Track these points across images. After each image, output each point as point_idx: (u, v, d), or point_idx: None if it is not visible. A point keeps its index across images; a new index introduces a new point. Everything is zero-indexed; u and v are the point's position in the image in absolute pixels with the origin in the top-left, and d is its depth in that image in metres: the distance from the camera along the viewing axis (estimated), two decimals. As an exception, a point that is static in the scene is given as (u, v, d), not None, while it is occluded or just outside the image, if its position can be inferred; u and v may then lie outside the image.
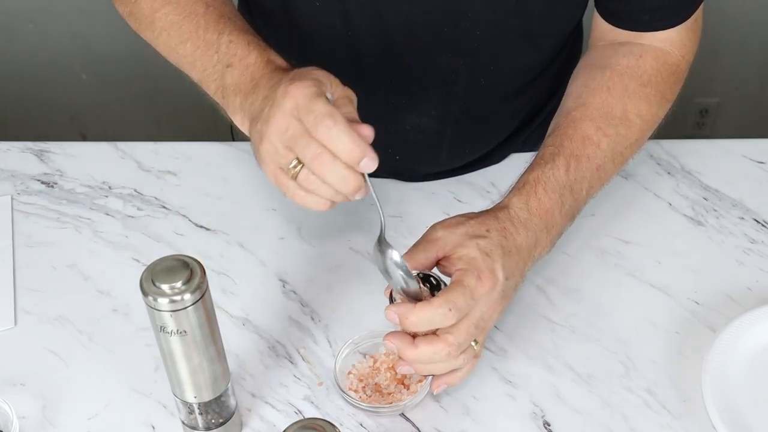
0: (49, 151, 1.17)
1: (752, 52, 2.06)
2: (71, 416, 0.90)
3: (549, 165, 0.91)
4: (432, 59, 0.98)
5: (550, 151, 0.92)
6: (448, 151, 1.07)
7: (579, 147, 0.93)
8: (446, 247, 0.84)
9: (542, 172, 0.90)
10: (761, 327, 0.92)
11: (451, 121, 1.04)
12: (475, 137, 1.08)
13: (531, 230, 0.87)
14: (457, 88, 1.00)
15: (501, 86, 1.03)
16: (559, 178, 0.90)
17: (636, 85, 0.96)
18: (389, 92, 1.01)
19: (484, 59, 0.98)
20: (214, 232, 1.07)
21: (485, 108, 1.04)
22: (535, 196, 0.89)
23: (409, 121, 1.03)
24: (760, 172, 1.12)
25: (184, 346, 0.77)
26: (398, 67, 0.99)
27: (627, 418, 0.88)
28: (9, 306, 0.99)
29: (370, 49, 0.97)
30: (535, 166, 0.92)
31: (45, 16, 1.98)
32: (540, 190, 0.89)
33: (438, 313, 0.79)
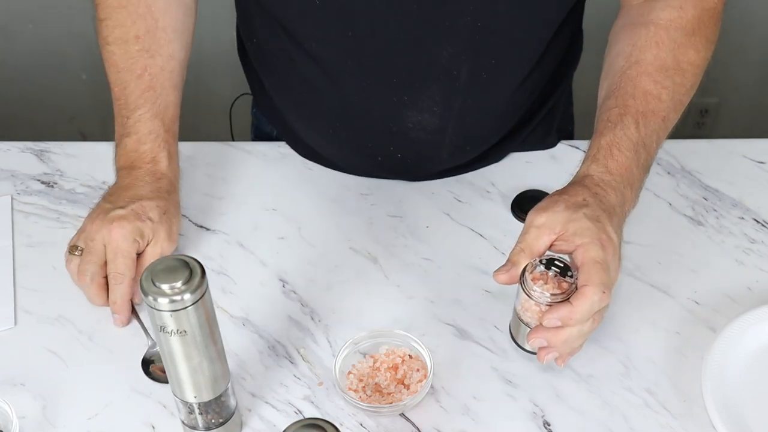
0: (49, 151, 1.17)
1: (752, 52, 2.06)
2: (71, 416, 0.90)
3: (619, 126, 0.92)
4: (433, 55, 0.97)
5: (616, 113, 0.93)
6: (449, 148, 1.07)
7: (642, 103, 0.94)
8: (556, 227, 0.85)
9: (614, 135, 0.92)
10: (761, 327, 0.92)
11: (452, 117, 1.04)
12: (476, 134, 1.08)
13: (617, 189, 0.89)
14: (458, 83, 1.00)
15: (502, 80, 1.02)
16: (631, 136, 0.92)
17: (683, 36, 0.98)
18: (391, 90, 1.01)
19: (485, 53, 0.98)
20: (214, 232, 1.07)
21: (486, 103, 1.04)
22: (612, 159, 0.91)
23: (412, 118, 1.03)
24: (760, 172, 1.12)
25: (184, 346, 0.76)
26: (399, 65, 0.98)
27: (627, 418, 0.88)
28: (9, 306, 0.99)
29: (371, 47, 0.97)
30: (604, 130, 0.93)
31: (45, 16, 1.98)
32: (615, 152, 0.91)
33: (596, 300, 0.81)
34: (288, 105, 1.11)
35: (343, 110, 1.05)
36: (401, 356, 0.91)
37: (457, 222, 1.07)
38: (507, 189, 1.10)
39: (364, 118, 1.05)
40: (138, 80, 1.01)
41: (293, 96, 1.09)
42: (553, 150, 1.15)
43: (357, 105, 1.03)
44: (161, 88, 1.02)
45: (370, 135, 1.06)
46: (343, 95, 1.03)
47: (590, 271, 0.82)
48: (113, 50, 1.03)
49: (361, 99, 1.03)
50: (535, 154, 1.15)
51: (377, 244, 1.05)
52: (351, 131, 1.07)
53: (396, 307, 0.98)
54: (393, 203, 1.09)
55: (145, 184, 1.00)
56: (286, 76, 1.06)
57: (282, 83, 1.09)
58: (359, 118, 1.05)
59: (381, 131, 1.06)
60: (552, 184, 1.02)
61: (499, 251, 1.02)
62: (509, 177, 1.12)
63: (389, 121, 1.04)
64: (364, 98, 1.03)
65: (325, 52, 1.00)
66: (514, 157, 1.14)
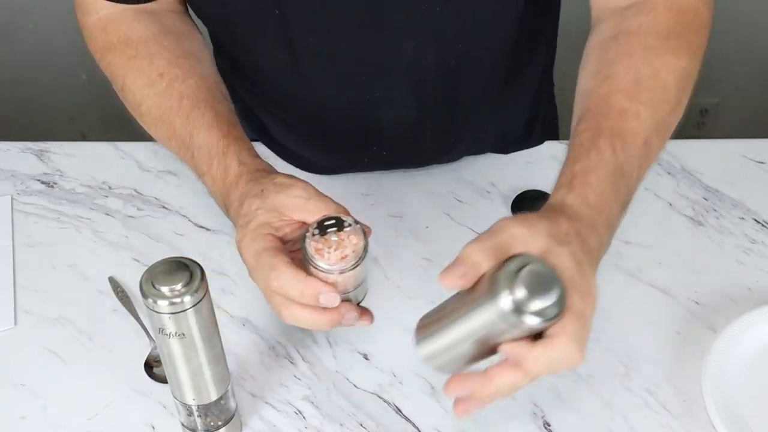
0: (49, 151, 1.17)
1: (752, 52, 2.06)
2: (71, 416, 0.90)
3: (593, 150, 0.78)
4: (398, 47, 0.97)
5: (589, 135, 0.80)
6: (433, 141, 1.07)
7: (618, 123, 0.80)
8: (533, 251, 0.67)
9: (588, 161, 0.77)
10: (761, 327, 0.92)
11: (428, 109, 1.03)
12: (455, 123, 1.08)
13: (596, 230, 0.74)
14: (427, 73, 0.99)
15: (472, 64, 1.01)
16: (607, 162, 0.77)
17: (655, 39, 0.86)
18: (362, 89, 1.00)
19: (449, 39, 0.97)
20: (214, 232, 1.07)
21: (460, 90, 1.03)
22: (589, 188, 0.76)
23: (388, 116, 1.03)
24: (760, 172, 1.12)
25: (184, 348, 0.76)
26: (366, 62, 0.98)
27: (627, 418, 0.88)
28: (9, 306, 0.99)
29: (336, 48, 0.97)
30: (576, 156, 0.79)
31: (45, 16, 1.98)
32: (593, 180, 0.76)
33: (564, 356, 0.65)
34: (263, 112, 1.11)
35: (320, 116, 1.05)
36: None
37: (457, 222, 1.07)
38: (507, 189, 1.10)
39: (343, 122, 1.05)
40: (179, 110, 0.91)
41: (267, 105, 1.08)
42: (553, 150, 1.15)
43: (332, 108, 1.03)
44: (204, 102, 0.91)
45: (350, 137, 1.06)
46: (316, 100, 1.03)
47: (566, 322, 0.65)
48: (146, 105, 0.94)
49: (335, 103, 1.03)
50: (536, 154, 1.15)
51: (377, 244, 1.04)
52: (331, 136, 1.07)
53: (396, 308, 0.98)
54: (393, 203, 1.09)
55: (237, 209, 0.83)
56: (258, 85, 1.06)
57: (255, 93, 1.09)
58: (337, 122, 1.05)
59: (360, 132, 1.06)
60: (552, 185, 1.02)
61: (499, 251, 1.02)
62: (509, 177, 1.12)
63: (366, 122, 1.04)
64: (339, 102, 1.03)
65: (291, 60, 0.99)
66: (514, 157, 1.14)
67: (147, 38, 0.95)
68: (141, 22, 0.96)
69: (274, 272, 0.75)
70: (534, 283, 0.63)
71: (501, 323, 0.63)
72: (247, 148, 0.87)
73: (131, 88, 0.95)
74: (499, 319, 0.63)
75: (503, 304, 0.62)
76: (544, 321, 0.63)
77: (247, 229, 0.79)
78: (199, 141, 0.89)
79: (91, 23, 0.98)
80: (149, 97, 0.93)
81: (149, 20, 0.96)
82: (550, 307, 0.63)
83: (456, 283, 0.67)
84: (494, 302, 0.63)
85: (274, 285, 0.75)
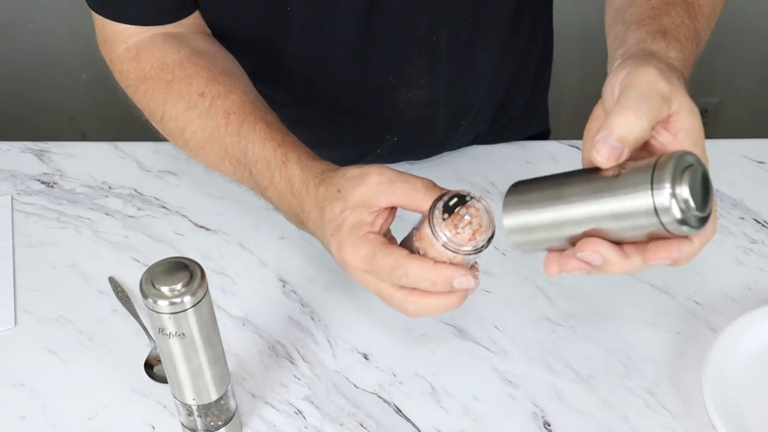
0: (49, 151, 1.17)
1: (752, 52, 2.06)
2: (71, 416, 0.90)
3: (673, 11, 0.76)
4: (411, 29, 0.97)
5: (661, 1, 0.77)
6: (444, 122, 1.07)
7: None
8: (672, 105, 0.63)
9: (671, 19, 0.75)
10: (761, 327, 0.92)
11: (441, 87, 1.03)
12: (468, 102, 1.08)
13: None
14: (440, 49, 0.99)
15: (483, 39, 1.01)
16: (688, 25, 0.76)
17: None
18: (376, 73, 1.00)
19: (461, 14, 0.97)
20: (214, 232, 1.07)
21: (472, 66, 1.03)
22: (682, 46, 0.73)
23: (402, 97, 1.03)
24: (760, 172, 1.12)
25: (184, 348, 0.76)
26: (380, 45, 0.98)
27: (627, 418, 0.88)
28: (9, 306, 0.99)
29: (351, 33, 0.97)
30: (657, 13, 0.76)
31: (45, 16, 1.98)
32: (682, 37, 0.74)
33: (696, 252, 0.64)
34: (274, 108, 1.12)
35: (334, 108, 1.05)
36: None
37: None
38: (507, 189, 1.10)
39: (355, 110, 1.05)
40: (227, 128, 0.87)
41: (279, 106, 1.08)
42: (553, 150, 1.15)
43: (346, 97, 1.03)
44: (252, 115, 0.87)
45: (364, 126, 1.06)
46: (331, 91, 1.03)
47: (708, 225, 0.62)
48: (191, 129, 0.90)
49: (349, 92, 1.03)
50: (535, 154, 1.15)
51: (377, 244, 1.05)
52: (345, 129, 1.07)
53: (396, 307, 0.98)
54: (393, 203, 1.09)
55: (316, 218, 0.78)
56: (272, 85, 1.06)
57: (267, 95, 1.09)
58: (350, 110, 1.05)
59: (374, 118, 1.05)
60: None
61: (500, 251, 1.02)
62: (509, 177, 1.11)
63: (381, 106, 1.04)
64: (351, 90, 1.02)
65: (306, 52, 0.99)
66: (514, 157, 1.14)
67: (181, 60, 0.92)
68: (172, 45, 0.93)
69: (399, 270, 0.70)
70: (698, 189, 0.59)
71: (643, 219, 0.59)
72: (306, 152, 0.82)
73: (172, 114, 0.91)
74: (646, 215, 0.58)
75: (663, 203, 0.58)
76: (694, 230, 0.59)
77: (341, 235, 0.73)
78: (255, 155, 0.84)
79: (121, 55, 0.95)
80: (193, 121, 0.89)
81: (179, 43, 0.94)
82: (705, 218, 0.59)
83: (605, 164, 0.62)
84: (649, 198, 0.58)
85: (402, 282, 0.71)
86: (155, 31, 0.94)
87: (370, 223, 0.73)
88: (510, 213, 0.67)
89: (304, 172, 0.80)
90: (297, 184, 0.80)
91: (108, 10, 0.94)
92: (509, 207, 0.67)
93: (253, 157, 0.84)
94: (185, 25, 0.96)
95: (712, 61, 2.00)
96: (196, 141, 0.89)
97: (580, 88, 1.25)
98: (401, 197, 0.72)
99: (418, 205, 0.72)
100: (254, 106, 0.88)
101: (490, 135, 1.17)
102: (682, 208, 0.57)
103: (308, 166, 0.80)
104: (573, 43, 1.09)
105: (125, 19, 0.94)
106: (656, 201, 0.57)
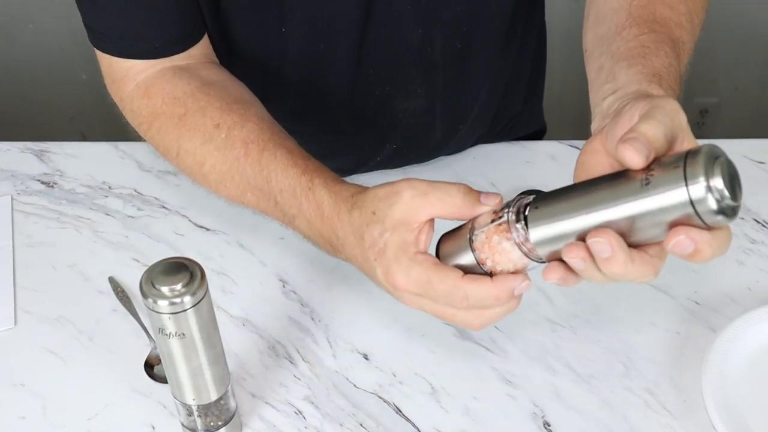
0: (49, 151, 1.17)
1: (752, 52, 2.06)
2: (71, 416, 0.90)
3: (661, 53, 0.76)
4: (406, 41, 0.97)
5: (651, 39, 0.77)
6: (442, 128, 1.08)
7: (671, 31, 0.79)
8: (676, 124, 0.64)
9: (661, 61, 0.76)
10: (761, 327, 0.92)
11: (438, 94, 1.04)
12: (465, 107, 1.08)
13: None
14: (435, 59, 0.99)
15: (476, 45, 1.01)
16: (676, 68, 0.76)
17: None
18: (373, 85, 1.01)
19: (454, 23, 0.97)
20: (214, 232, 1.07)
21: (467, 72, 1.04)
22: (673, 91, 0.74)
23: (399, 106, 1.03)
24: (760, 172, 1.12)
25: (184, 348, 0.76)
26: (376, 58, 0.98)
27: (627, 418, 0.88)
28: (9, 306, 0.99)
29: (346, 49, 0.97)
30: (647, 53, 0.76)
31: (45, 16, 1.98)
32: (673, 82, 0.75)
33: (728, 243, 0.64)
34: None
35: (334, 121, 1.05)
36: None
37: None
38: (507, 189, 1.10)
39: (353, 121, 1.05)
40: (247, 158, 0.84)
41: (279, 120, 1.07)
42: (553, 150, 1.15)
43: (343, 109, 1.03)
44: (271, 142, 0.85)
45: (362, 135, 1.07)
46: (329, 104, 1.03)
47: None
48: (210, 162, 0.87)
49: (345, 104, 1.03)
50: (535, 154, 1.15)
51: (377, 244, 1.05)
52: (344, 141, 1.08)
53: (396, 308, 0.98)
54: (393, 203, 1.09)
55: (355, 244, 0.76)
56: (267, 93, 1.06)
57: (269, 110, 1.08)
58: (348, 122, 1.05)
59: (373, 128, 1.06)
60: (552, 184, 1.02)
61: (499, 251, 1.02)
62: (509, 177, 1.12)
63: (379, 116, 1.04)
64: (349, 102, 1.03)
65: (302, 69, 0.99)
66: (514, 157, 1.14)
67: (192, 91, 0.89)
68: (182, 77, 0.91)
69: (458, 293, 0.69)
70: (728, 179, 0.59)
71: (676, 213, 0.60)
72: (332, 176, 0.80)
73: (188, 149, 0.88)
74: (681, 208, 0.60)
75: (699, 194, 0.59)
76: (728, 220, 0.60)
77: (386, 259, 0.71)
78: (280, 184, 0.82)
79: (130, 92, 0.93)
80: (210, 154, 0.87)
81: (189, 75, 0.91)
82: (737, 207, 0.60)
83: (636, 161, 0.61)
84: (683, 192, 0.59)
85: (463, 306, 0.69)
86: (163, 65, 0.92)
87: (414, 242, 0.71)
88: (537, 225, 0.66)
89: (333, 197, 0.77)
90: (327, 210, 0.78)
91: (114, 47, 0.92)
92: (535, 220, 0.66)
93: (277, 185, 0.82)
94: (193, 56, 0.94)
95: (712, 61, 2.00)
96: (216, 175, 0.87)
97: (579, 88, 1.25)
98: (438, 207, 0.70)
99: (458, 213, 0.71)
100: (272, 133, 0.86)
101: (490, 137, 1.17)
102: (717, 198, 0.58)
103: (336, 190, 0.78)
104: (572, 42, 1.09)
105: (132, 55, 0.91)
106: (691, 193, 0.59)
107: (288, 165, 0.82)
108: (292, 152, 0.83)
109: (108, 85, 0.95)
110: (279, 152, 0.83)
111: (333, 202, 0.77)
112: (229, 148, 0.85)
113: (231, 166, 0.85)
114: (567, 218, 0.65)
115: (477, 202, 0.70)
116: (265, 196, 0.84)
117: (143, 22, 0.90)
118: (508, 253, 0.68)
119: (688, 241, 0.61)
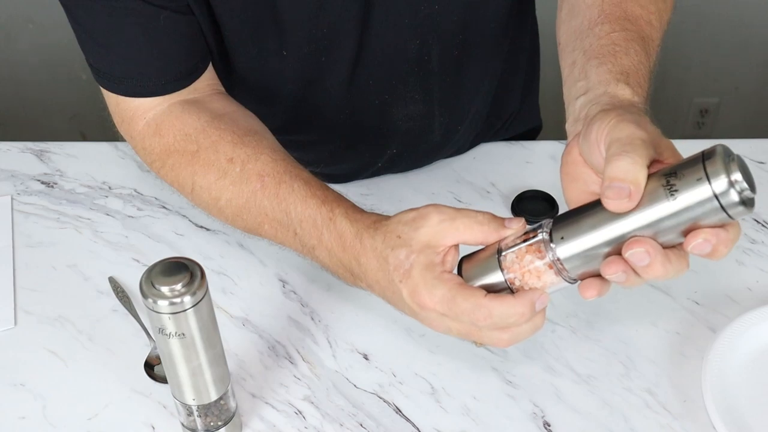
0: (49, 151, 1.17)
1: (752, 52, 2.06)
2: (71, 416, 0.90)
3: (631, 51, 0.79)
4: (403, 52, 0.97)
5: (622, 37, 0.79)
6: (440, 130, 1.08)
7: (640, 28, 0.81)
8: (658, 148, 0.67)
9: (631, 60, 0.78)
10: (761, 327, 0.92)
11: (435, 99, 1.04)
12: (463, 110, 1.08)
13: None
14: (432, 66, 1.00)
15: (473, 51, 1.02)
16: (646, 65, 0.79)
17: None
18: (371, 94, 1.01)
19: (450, 33, 0.98)
20: (214, 232, 1.07)
21: (464, 76, 1.04)
22: (642, 90, 0.76)
23: (398, 113, 1.04)
24: (760, 172, 1.12)
25: (183, 348, 0.76)
26: (374, 69, 0.98)
27: (627, 418, 0.88)
28: (9, 306, 0.99)
29: (345, 62, 0.97)
30: (617, 52, 0.78)
31: (45, 16, 1.98)
32: (642, 80, 0.77)
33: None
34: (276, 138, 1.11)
35: (331, 129, 1.05)
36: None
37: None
38: (507, 189, 1.10)
39: (353, 130, 1.05)
40: (263, 191, 0.85)
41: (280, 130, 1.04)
42: (553, 150, 1.15)
43: (343, 119, 1.04)
44: (287, 174, 0.85)
45: (363, 143, 1.07)
46: (328, 114, 1.03)
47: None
48: (225, 197, 0.87)
49: (345, 113, 1.03)
50: (535, 154, 1.15)
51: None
52: (343, 146, 1.08)
53: (396, 307, 0.98)
54: (393, 203, 1.09)
55: (377, 262, 0.76)
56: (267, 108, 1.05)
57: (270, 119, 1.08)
58: (348, 131, 1.05)
59: (372, 135, 1.06)
60: (552, 184, 1.02)
61: (499, 251, 1.03)
62: (509, 177, 1.12)
63: (378, 123, 1.04)
64: (348, 112, 1.03)
65: (302, 85, 0.99)
66: (513, 157, 1.14)
67: (203, 127, 0.89)
68: (191, 113, 0.90)
69: (481, 311, 0.70)
70: (745, 173, 0.64)
71: (700, 210, 0.64)
72: (351, 205, 0.81)
73: (203, 185, 0.88)
74: (707, 204, 0.63)
75: (722, 189, 0.63)
76: (748, 210, 0.64)
77: (412, 279, 0.72)
78: (299, 215, 0.82)
79: (141, 130, 0.92)
80: (226, 189, 0.87)
81: (198, 109, 0.91)
82: (754, 199, 0.64)
83: (627, 207, 0.65)
84: (707, 188, 0.63)
85: (487, 324, 0.70)
86: (172, 101, 0.91)
87: (440, 263, 0.72)
88: (564, 244, 0.69)
89: (354, 225, 0.78)
90: (349, 238, 0.78)
91: (121, 87, 0.91)
92: (562, 240, 0.69)
93: (296, 217, 0.83)
94: (199, 88, 0.93)
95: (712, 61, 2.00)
96: (232, 209, 0.87)
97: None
98: (465, 233, 0.72)
99: (483, 238, 0.72)
100: (286, 164, 0.86)
101: (489, 135, 1.17)
102: (738, 191, 0.63)
103: (357, 219, 0.79)
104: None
105: (140, 93, 0.91)
106: (715, 189, 0.63)
107: (306, 196, 0.83)
108: (309, 183, 0.84)
109: (117, 123, 0.95)
110: (296, 184, 0.84)
111: (355, 231, 0.78)
112: (244, 182, 0.86)
113: (247, 200, 0.86)
114: (598, 234, 0.67)
115: (501, 227, 0.72)
116: (284, 227, 0.84)
117: (149, 60, 0.89)
118: (539, 272, 0.70)
119: (706, 243, 0.64)
